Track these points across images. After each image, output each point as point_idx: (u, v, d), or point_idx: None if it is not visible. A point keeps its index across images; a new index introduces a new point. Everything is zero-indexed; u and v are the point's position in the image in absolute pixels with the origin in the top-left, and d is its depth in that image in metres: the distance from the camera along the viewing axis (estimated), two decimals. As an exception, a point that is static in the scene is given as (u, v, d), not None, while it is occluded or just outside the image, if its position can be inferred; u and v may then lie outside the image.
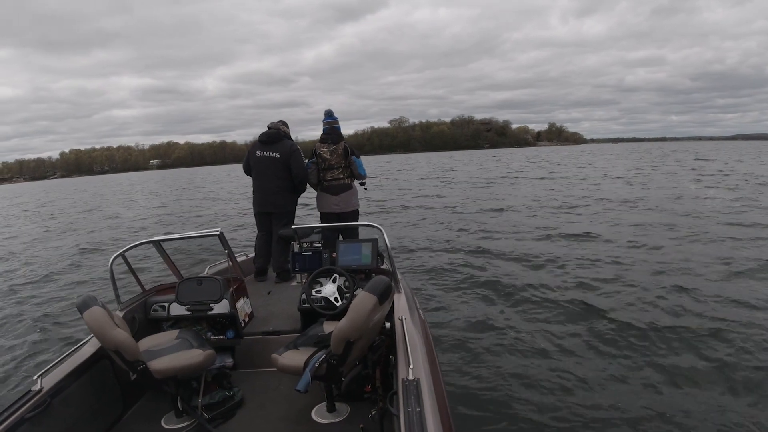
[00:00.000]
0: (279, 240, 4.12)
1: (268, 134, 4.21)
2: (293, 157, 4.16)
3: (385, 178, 14.46)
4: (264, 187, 4.23)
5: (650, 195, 13.43)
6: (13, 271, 8.82)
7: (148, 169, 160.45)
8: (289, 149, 4.17)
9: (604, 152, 60.51)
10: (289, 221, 4.29)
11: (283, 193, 4.22)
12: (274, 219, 4.26)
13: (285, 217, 4.26)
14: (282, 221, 4.22)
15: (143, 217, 16.74)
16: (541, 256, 6.71)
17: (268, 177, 4.19)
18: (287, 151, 4.15)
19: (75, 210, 22.18)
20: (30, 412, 1.94)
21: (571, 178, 21.29)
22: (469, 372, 3.52)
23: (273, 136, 4.20)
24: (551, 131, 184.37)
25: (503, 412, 3.02)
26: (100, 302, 2.21)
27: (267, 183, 4.20)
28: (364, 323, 2.01)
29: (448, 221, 10.51)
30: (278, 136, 4.20)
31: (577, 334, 4.04)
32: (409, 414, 1.60)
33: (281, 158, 4.15)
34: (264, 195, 4.25)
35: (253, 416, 2.46)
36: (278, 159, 4.15)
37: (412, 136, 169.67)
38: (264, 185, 4.23)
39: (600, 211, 10.88)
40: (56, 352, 4.34)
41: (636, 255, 6.59)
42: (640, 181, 18.47)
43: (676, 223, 8.76)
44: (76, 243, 11.40)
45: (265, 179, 4.20)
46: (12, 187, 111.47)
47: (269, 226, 4.29)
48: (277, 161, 4.15)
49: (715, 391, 3.12)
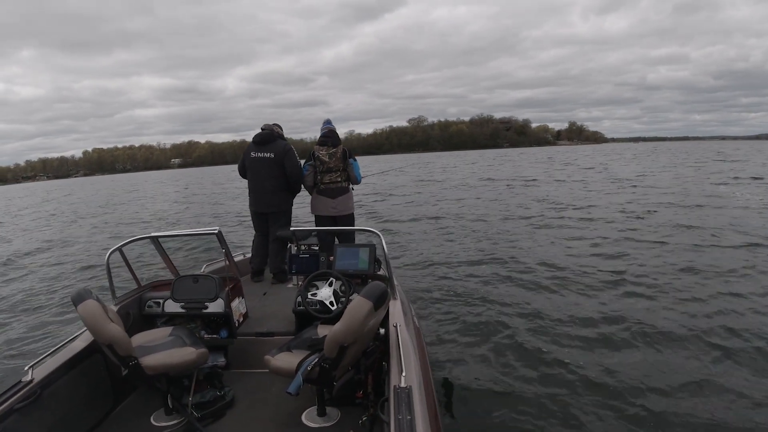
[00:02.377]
0: (275, 241, 4.13)
1: (262, 135, 4.25)
2: (287, 157, 4.19)
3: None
4: (259, 188, 4.26)
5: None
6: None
7: (169, 168, 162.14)
8: (283, 149, 4.20)
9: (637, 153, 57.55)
10: (286, 222, 4.31)
11: (278, 193, 4.25)
12: (271, 219, 4.28)
13: (281, 218, 4.28)
14: (279, 222, 4.24)
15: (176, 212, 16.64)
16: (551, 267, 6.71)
17: (263, 177, 4.23)
18: (281, 151, 4.19)
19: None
20: (19, 403, 1.93)
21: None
22: (461, 381, 3.51)
23: (266, 137, 4.23)
24: (571, 130, 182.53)
25: (493, 423, 3.01)
26: (94, 296, 2.21)
27: (262, 183, 4.24)
28: (359, 328, 2.01)
29: (450, 228, 10.51)
30: (272, 137, 4.24)
31: (574, 346, 4.03)
32: (400, 421, 1.60)
33: (275, 158, 4.18)
34: (260, 195, 4.28)
35: (243, 417, 2.45)
36: (272, 159, 4.19)
37: (431, 135, 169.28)
38: (259, 186, 4.26)
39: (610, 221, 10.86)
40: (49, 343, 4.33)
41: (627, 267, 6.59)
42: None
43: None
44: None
45: (261, 180, 4.24)
46: (37, 185, 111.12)
47: (266, 227, 4.31)
48: (272, 161, 4.19)
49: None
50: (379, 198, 17.14)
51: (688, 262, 6.37)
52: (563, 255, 7.36)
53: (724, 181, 17.59)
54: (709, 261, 6.38)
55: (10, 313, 5.72)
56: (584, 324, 4.45)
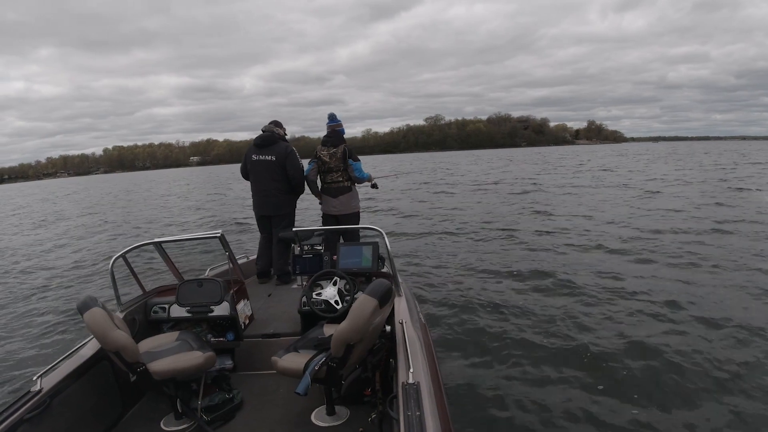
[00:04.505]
0: (279, 242, 4.13)
1: (263, 138, 4.24)
2: (288, 159, 4.18)
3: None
4: (262, 191, 4.26)
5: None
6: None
7: (188, 166, 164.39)
8: (285, 151, 4.19)
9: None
10: (290, 223, 4.31)
11: (281, 196, 4.24)
12: (274, 221, 4.27)
13: (285, 219, 4.29)
14: (282, 223, 4.24)
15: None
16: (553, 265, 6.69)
17: (265, 180, 4.22)
18: (282, 153, 4.18)
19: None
20: (29, 413, 1.94)
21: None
22: (469, 376, 3.51)
23: (267, 139, 4.23)
24: (590, 129, 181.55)
25: (503, 417, 3.01)
26: (100, 303, 2.21)
27: (265, 186, 4.24)
28: (365, 326, 2.01)
29: (451, 224, 10.50)
30: (273, 139, 4.23)
31: (581, 341, 4.02)
32: (409, 418, 1.59)
33: (277, 161, 4.18)
34: (262, 198, 4.28)
35: (253, 419, 2.45)
36: (274, 162, 4.18)
37: (448, 134, 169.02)
38: (262, 188, 4.26)
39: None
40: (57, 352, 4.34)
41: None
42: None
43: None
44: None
45: (263, 183, 4.24)
46: (56, 181, 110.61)
47: (270, 229, 4.31)
48: (274, 164, 4.18)
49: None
50: (396, 197, 16.86)
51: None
52: (577, 254, 7.36)
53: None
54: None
55: (15, 324, 5.74)
56: (596, 327, 4.38)
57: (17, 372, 4.15)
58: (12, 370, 4.21)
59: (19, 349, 4.79)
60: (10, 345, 4.90)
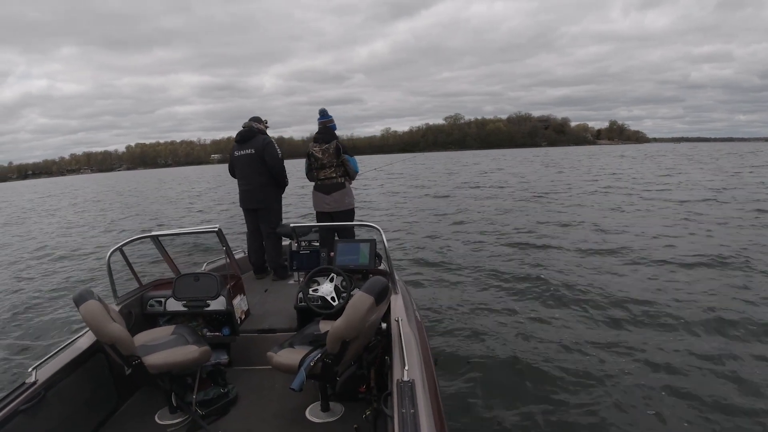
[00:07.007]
0: (269, 236, 4.16)
1: (242, 133, 4.29)
2: (266, 150, 4.21)
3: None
4: (246, 185, 4.31)
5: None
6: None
7: (209, 163, 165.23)
8: (262, 143, 4.23)
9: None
10: (276, 217, 4.33)
11: (264, 189, 4.27)
12: (260, 215, 4.30)
13: (270, 213, 4.30)
14: (268, 217, 4.26)
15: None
16: (549, 262, 6.71)
17: (248, 174, 4.26)
18: (261, 145, 4.22)
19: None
20: (24, 404, 1.94)
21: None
22: (464, 374, 3.52)
23: (246, 134, 4.27)
24: (612, 129, 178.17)
25: (497, 415, 3.02)
26: (96, 296, 2.21)
27: (248, 180, 4.28)
28: (361, 323, 2.01)
29: (449, 222, 10.51)
30: (251, 133, 4.27)
31: (577, 341, 4.03)
32: (403, 415, 1.60)
33: (256, 153, 4.22)
34: (247, 192, 4.32)
35: (247, 414, 2.46)
36: (254, 154, 4.22)
37: (467, 133, 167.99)
38: (246, 183, 4.30)
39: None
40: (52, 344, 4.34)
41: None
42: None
43: None
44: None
45: (247, 177, 4.28)
46: (77, 178, 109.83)
47: (256, 222, 4.35)
48: (254, 157, 4.22)
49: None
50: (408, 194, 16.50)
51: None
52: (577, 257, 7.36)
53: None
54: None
55: (11, 315, 5.73)
56: (591, 325, 4.41)
57: (12, 363, 4.15)
58: (7, 362, 4.21)
59: (14, 340, 4.78)
60: (4, 337, 4.90)
